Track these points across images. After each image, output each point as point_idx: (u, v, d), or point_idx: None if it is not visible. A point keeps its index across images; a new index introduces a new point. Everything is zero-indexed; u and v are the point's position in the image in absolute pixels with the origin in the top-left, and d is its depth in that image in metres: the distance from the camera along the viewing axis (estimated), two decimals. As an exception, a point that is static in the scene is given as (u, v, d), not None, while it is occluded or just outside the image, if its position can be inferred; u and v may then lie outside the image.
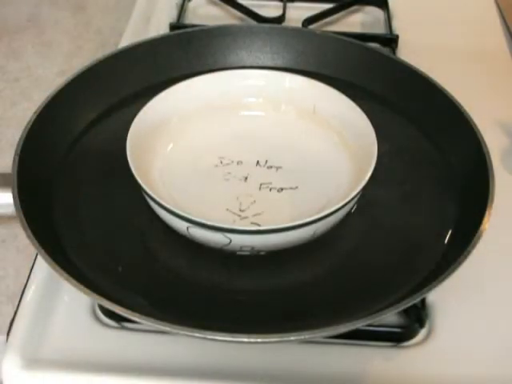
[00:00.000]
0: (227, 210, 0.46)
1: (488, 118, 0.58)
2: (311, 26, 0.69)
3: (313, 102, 0.52)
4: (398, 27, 0.70)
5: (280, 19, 0.70)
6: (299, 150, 0.51)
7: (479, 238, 0.40)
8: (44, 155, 0.48)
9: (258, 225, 0.45)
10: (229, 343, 0.37)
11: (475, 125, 0.48)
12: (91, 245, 0.44)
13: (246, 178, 0.48)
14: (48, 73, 0.72)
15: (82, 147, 0.51)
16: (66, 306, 0.44)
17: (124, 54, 0.56)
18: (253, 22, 0.70)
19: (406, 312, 0.43)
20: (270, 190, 0.48)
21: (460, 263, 0.39)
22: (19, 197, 0.42)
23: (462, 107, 0.50)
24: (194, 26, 0.62)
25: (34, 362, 0.41)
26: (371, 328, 0.43)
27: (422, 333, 0.43)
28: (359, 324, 0.36)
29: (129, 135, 0.46)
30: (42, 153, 0.48)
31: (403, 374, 0.41)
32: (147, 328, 0.42)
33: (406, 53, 0.66)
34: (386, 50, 0.67)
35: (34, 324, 0.43)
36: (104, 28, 0.78)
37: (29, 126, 0.47)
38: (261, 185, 0.48)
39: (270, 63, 0.59)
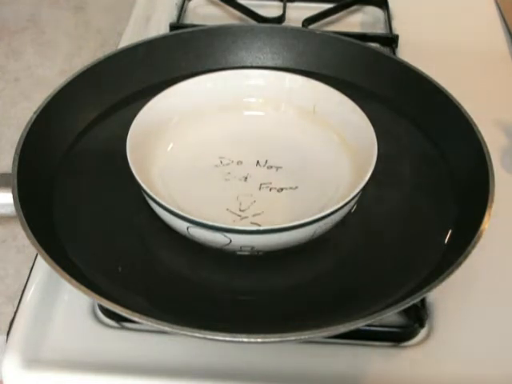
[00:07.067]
0: (227, 210, 0.46)
1: (488, 118, 0.58)
2: (311, 26, 0.69)
3: (313, 102, 0.52)
4: (398, 27, 0.70)
5: (280, 19, 0.70)
6: (299, 149, 0.51)
7: (479, 238, 0.40)
8: (44, 155, 0.48)
9: (258, 225, 0.45)
10: (229, 343, 0.37)
11: (475, 125, 0.48)
12: (91, 245, 0.44)
13: (246, 178, 0.48)
14: (48, 73, 0.72)
15: (81, 147, 0.51)
16: (65, 306, 0.44)
17: (124, 53, 0.56)
18: (253, 22, 0.70)
19: (406, 312, 0.43)
20: (270, 189, 0.48)
21: (460, 263, 0.39)
22: (19, 197, 0.42)
23: (462, 107, 0.50)
24: (194, 25, 0.62)
25: (34, 362, 0.41)
26: (371, 328, 0.43)
27: (422, 333, 0.43)
28: (359, 324, 0.36)
29: (129, 135, 0.46)
30: (42, 153, 0.48)
31: (403, 374, 0.41)
32: (147, 328, 0.42)
33: (406, 53, 0.66)
34: (386, 50, 0.67)
35: (34, 324, 0.43)
36: (104, 28, 0.78)
37: (29, 126, 0.47)
38: (261, 185, 0.48)
39: (270, 63, 0.59)
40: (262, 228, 0.42)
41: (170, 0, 0.75)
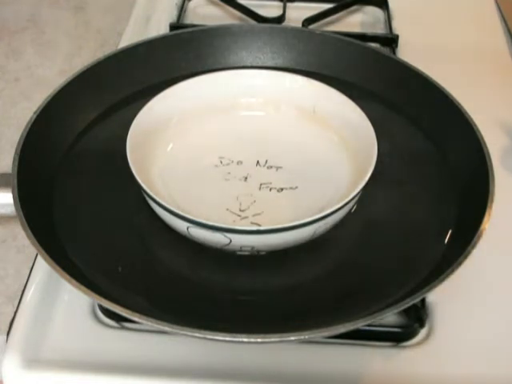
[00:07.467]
0: (227, 210, 0.46)
1: (488, 118, 0.58)
2: (311, 26, 0.69)
3: (313, 102, 0.52)
4: (398, 27, 0.70)
5: (280, 19, 0.70)
6: (299, 150, 0.51)
7: (479, 238, 0.40)
8: (44, 155, 0.48)
9: (258, 225, 0.45)
10: (229, 343, 0.37)
11: (475, 125, 0.48)
12: (91, 245, 0.44)
13: (246, 178, 0.48)
14: (48, 73, 0.72)
15: (81, 147, 0.51)
16: (65, 306, 0.44)
17: (124, 53, 0.56)
18: (253, 22, 0.70)
19: (406, 312, 0.43)
20: (270, 189, 0.48)
21: (460, 263, 0.39)
22: (19, 197, 0.42)
23: (462, 107, 0.50)
24: (194, 25, 0.62)
25: (34, 362, 0.41)
26: (371, 328, 0.43)
27: (422, 333, 0.43)
28: (359, 324, 0.36)
29: (129, 135, 0.46)
30: (42, 153, 0.48)
31: (403, 374, 0.41)
32: (147, 328, 0.42)
33: (406, 53, 0.66)
34: (385, 50, 0.67)
35: (34, 324, 0.43)
36: (104, 28, 0.78)
37: (29, 126, 0.47)
38: (261, 185, 0.48)
39: (270, 63, 0.59)
40: (262, 228, 0.42)
41: (169, 0, 0.75)
